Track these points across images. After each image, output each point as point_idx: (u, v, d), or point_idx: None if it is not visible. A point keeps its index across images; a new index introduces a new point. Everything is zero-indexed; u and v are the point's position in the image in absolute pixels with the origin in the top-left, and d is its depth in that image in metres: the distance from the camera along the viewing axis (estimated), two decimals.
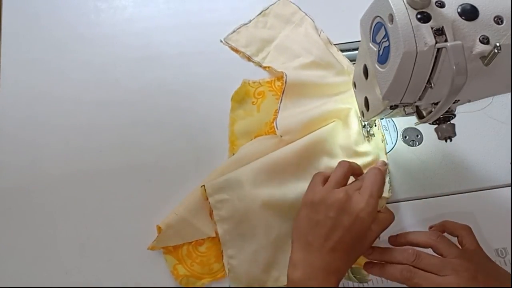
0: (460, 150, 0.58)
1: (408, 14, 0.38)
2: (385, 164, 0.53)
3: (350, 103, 0.59)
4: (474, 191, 0.55)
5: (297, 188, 0.53)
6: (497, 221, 0.54)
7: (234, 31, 0.67)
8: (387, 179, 0.54)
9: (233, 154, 0.57)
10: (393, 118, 0.59)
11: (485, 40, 0.38)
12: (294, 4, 0.69)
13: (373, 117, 0.50)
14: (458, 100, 0.44)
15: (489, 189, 0.55)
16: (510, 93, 0.46)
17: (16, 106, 0.62)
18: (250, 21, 0.67)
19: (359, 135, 0.57)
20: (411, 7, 0.38)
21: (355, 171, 0.50)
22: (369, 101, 0.50)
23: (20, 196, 0.57)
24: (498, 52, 0.36)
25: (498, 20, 0.38)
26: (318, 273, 0.44)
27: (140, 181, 0.57)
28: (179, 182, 0.57)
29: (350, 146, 0.56)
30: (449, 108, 0.45)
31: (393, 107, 0.46)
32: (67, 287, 0.52)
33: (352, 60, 0.63)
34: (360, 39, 0.47)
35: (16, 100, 0.62)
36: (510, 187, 0.55)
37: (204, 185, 0.53)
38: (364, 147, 0.57)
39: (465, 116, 0.48)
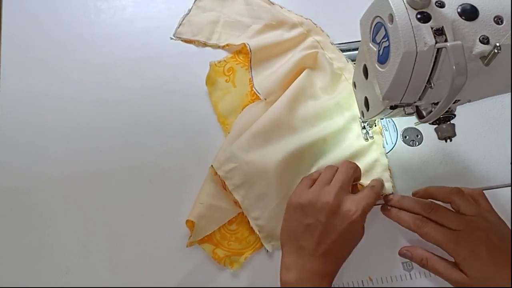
0: (460, 150, 0.58)
1: (408, 14, 0.38)
2: (381, 184, 0.53)
3: (315, 47, 0.63)
4: None
5: (295, 138, 0.55)
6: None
7: (180, 25, 0.67)
8: (389, 182, 0.55)
9: (229, 133, 0.59)
10: (393, 118, 0.59)
11: (485, 40, 0.38)
12: None
13: (373, 117, 0.50)
14: (458, 100, 0.44)
15: (489, 189, 0.55)
16: (510, 93, 0.46)
17: (16, 106, 0.62)
18: (190, 10, 0.68)
19: (334, 75, 0.61)
20: (411, 7, 0.38)
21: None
22: (369, 101, 0.50)
23: (20, 196, 0.57)
24: (498, 52, 0.36)
25: (498, 20, 0.38)
26: (312, 276, 0.45)
27: (140, 181, 0.57)
28: (179, 182, 0.57)
29: (327, 87, 0.61)
30: (449, 108, 0.45)
31: (393, 107, 0.46)
32: (67, 287, 0.52)
33: (352, 60, 0.63)
34: (360, 39, 0.47)
35: (16, 100, 0.62)
36: (510, 187, 0.55)
37: (212, 165, 0.55)
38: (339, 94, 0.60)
39: (465, 116, 0.48)
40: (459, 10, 0.38)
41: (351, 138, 0.58)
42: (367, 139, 0.58)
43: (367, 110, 0.51)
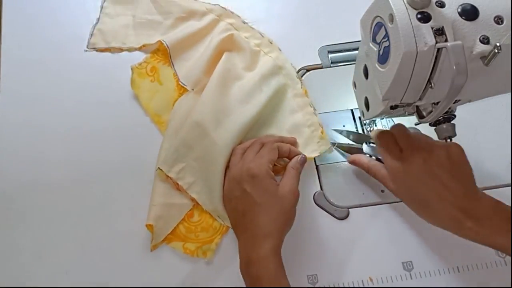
0: None
1: (408, 14, 0.38)
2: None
3: (229, 29, 0.64)
4: None
5: (232, 121, 0.56)
6: None
7: (91, 35, 0.67)
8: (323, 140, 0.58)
9: (166, 130, 0.59)
10: (393, 118, 0.59)
11: (485, 40, 0.38)
12: None
13: (373, 117, 0.50)
14: (459, 100, 0.44)
15: (489, 189, 0.55)
16: (510, 93, 0.46)
17: (16, 106, 0.62)
18: (98, 19, 0.68)
19: (253, 52, 0.63)
20: (411, 7, 0.38)
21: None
22: (369, 101, 0.50)
23: (20, 197, 0.56)
24: (498, 52, 0.36)
25: (498, 20, 0.38)
26: (256, 260, 0.46)
27: (140, 181, 0.57)
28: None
29: (249, 65, 0.62)
30: (449, 108, 0.45)
31: (393, 107, 0.46)
32: (67, 287, 0.52)
33: (352, 60, 0.63)
34: (360, 39, 0.47)
35: (16, 100, 0.62)
36: (510, 187, 0.55)
37: (159, 168, 0.55)
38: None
39: (465, 116, 0.48)
40: (459, 10, 0.38)
41: (285, 108, 0.60)
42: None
43: (367, 110, 0.51)
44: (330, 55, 0.65)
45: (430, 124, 0.47)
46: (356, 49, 0.52)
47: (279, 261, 0.46)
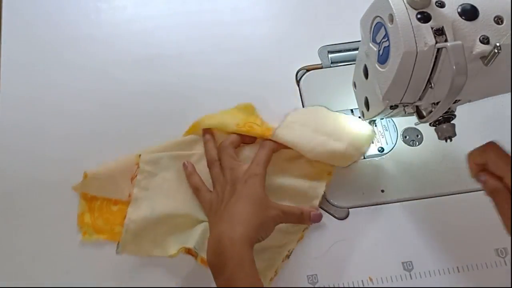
0: (460, 150, 0.57)
1: (408, 14, 0.38)
2: None
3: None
4: (474, 191, 0.55)
5: None
6: (497, 221, 0.54)
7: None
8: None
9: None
10: (393, 118, 0.59)
11: (485, 40, 0.38)
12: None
13: (373, 117, 0.50)
14: (459, 100, 0.44)
15: None
16: (510, 93, 0.46)
17: (16, 106, 0.62)
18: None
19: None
20: (411, 7, 0.38)
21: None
22: (369, 101, 0.50)
23: (20, 196, 0.56)
24: (498, 52, 0.36)
25: (498, 20, 0.38)
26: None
27: None
28: None
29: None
30: (449, 108, 0.45)
31: (393, 107, 0.46)
32: (67, 287, 0.52)
33: (352, 60, 0.63)
34: (360, 39, 0.47)
35: (16, 100, 0.62)
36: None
37: (140, 154, 0.55)
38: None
39: (465, 116, 0.48)
40: (459, 10, 0.38)
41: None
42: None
43: (367, 110, 0.51)
44: (330, 55, 0.65)
45: (430, 124, 0.47)
46: (356, 49, 0.52)
47: (251, 252, 0.44)
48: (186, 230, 0.52)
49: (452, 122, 0.46)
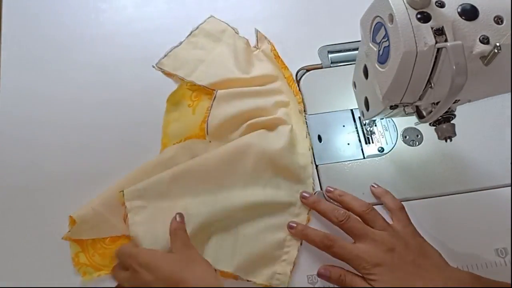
0: (460, 150, 0.58)
1: (408, 14, 0.38)
2: None
3: (287, 115, 0.59)
4: (474, 191, 0.55)
5: (216, 200, 0.53)
6: (497, 221, 0.54)
7: (165, 56, 0.65)
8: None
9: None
10: (393, 118, 0.60)
11: (485, 40, 0.38)
12: (224, 22, 0.67)
13: (373, 117, 0.50)
14: (458, 100, 0.44)
15: (489, 189, 0.55)
16: (510, 93, 0.46)
17: (16, 105, 0.62)
18: (181, 43, 0.66)
19: (290, 147, 0.56)
20: (411, 7, 0.38)
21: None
22: (369, 101, 0.50)
23: (20, 195, 0.56)
24: (498, 52, 0.36)
25: (498, 20, 0.38)
26: None
27: None
28: None
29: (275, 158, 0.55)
30: (449, 108, 0.45)
31: (393, 107, 0.46)
32: (67, 287, 0.52)
33: (352, 60, 0.63)
34: (360, 39, 0.47)
35: (16, 100, 0.62)
36: (510, 187, 0.55)
37: (122, 191, 0.53)
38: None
39: (465, 116, 0.48)
40: (459, 10, 0.38)
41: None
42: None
43: (367, 110, 0.51)
44: (330, 55, 0.65)
45: (430, 124, 0.47)
46: (356, 49, 0.52)
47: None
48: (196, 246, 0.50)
49: (452, 122, 0.46)
